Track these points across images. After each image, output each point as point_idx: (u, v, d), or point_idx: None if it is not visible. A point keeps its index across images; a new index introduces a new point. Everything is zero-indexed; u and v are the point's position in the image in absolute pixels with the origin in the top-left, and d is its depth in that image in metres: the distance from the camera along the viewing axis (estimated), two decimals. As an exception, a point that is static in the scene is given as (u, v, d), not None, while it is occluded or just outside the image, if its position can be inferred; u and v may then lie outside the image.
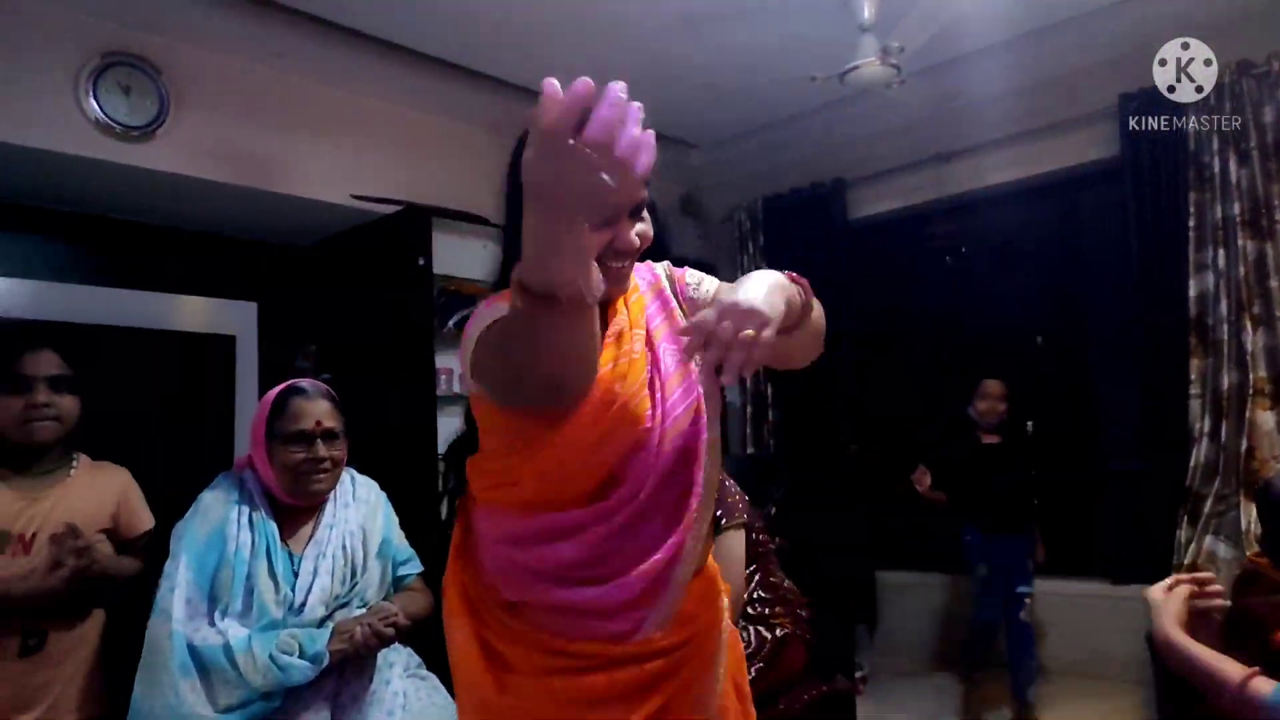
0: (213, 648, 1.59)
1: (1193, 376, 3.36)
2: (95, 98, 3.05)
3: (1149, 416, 3.56)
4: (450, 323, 3.95)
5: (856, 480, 4.60)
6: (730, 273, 4.97)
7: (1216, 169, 3.36)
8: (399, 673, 1.84)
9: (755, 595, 2.17)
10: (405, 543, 2.07)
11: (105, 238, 3.67)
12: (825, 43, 3.38)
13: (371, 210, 3.81)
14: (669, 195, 5.22)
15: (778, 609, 2.17)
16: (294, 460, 1.80)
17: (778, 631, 2.11)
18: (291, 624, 1.69)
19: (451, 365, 3.93)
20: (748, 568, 2.13)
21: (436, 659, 1.97)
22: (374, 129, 3.91)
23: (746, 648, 2.02)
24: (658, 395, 1.15)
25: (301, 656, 1.61)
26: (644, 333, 1.19)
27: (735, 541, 2.00)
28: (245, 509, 1.79)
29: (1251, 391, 3.22)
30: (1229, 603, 1.40)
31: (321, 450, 1.83)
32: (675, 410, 1.15)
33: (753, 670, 1.95)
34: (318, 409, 1.86)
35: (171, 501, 1.96)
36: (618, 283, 1.17)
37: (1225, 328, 3.31)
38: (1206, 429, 3.32)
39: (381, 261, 3.89)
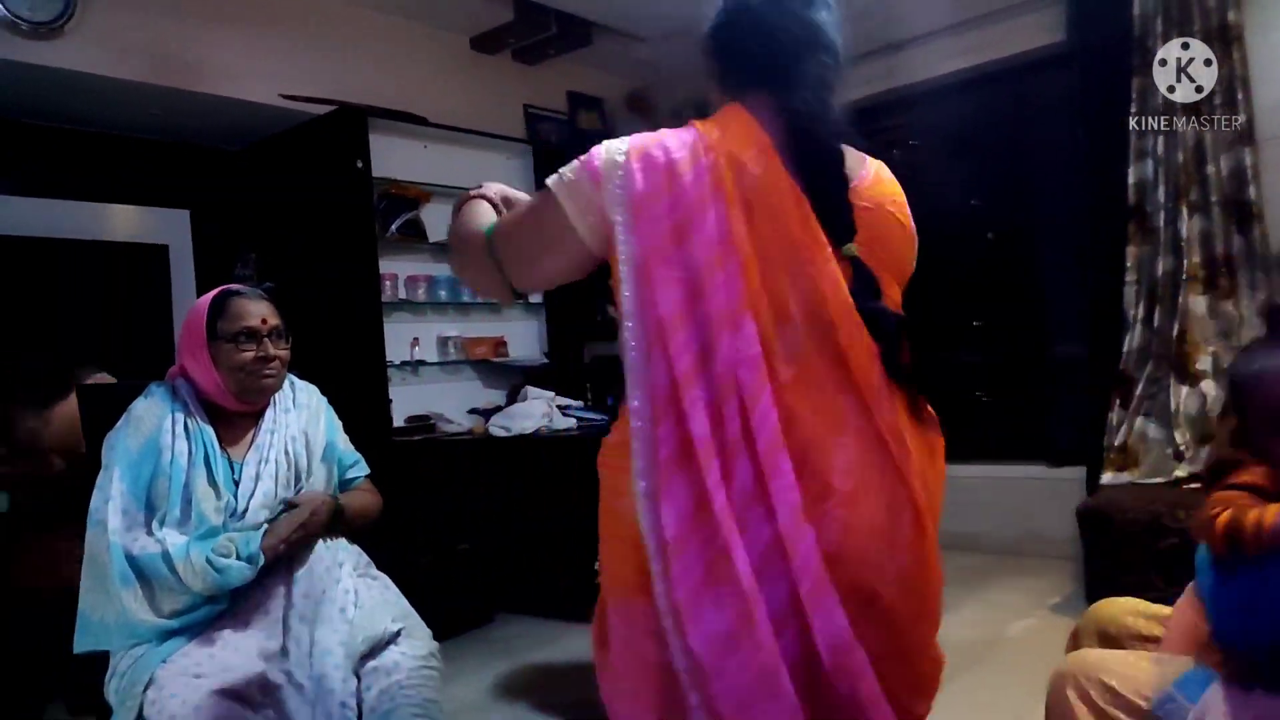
0: (151, 555, 1.59)
1: (1129, 263, 3.42)
2: (-6, -9, 2.86)
3: (1087, 303, 3.64)
4: (393, 227, 3.87)
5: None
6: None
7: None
8: (349, 571, 1.84)
9: None
10: (350, 446, 2.06)
11: (22, 145, 3.50)
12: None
13: (304, 111, 3.66)
14: (616, 91, 5.09)
15: None
16: (243, 360, 1.77)
17: None
18: (234, 529, 1.69)
19: (395, 270, 3.87)
20: None
21: (384, 559, 2.00)
22: (302, 24, 3.72)
23: None
24: None
25: (237, 559, 1.62)
26: None
27: None
28: (180, 416, 1.75)
29: (1185, 277, 3.29)
30: None
31: (271, 348, 1.82)
32: None
33: None
34: (261, 308, 1.84)
35: (113, 415, 1.91)
36: None
37: (1162, 215, 3.35)
38: (1140, 315, 3.40)
39: (318, 164, 3.76)
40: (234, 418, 1.84)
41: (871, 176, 1.16)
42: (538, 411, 3.63)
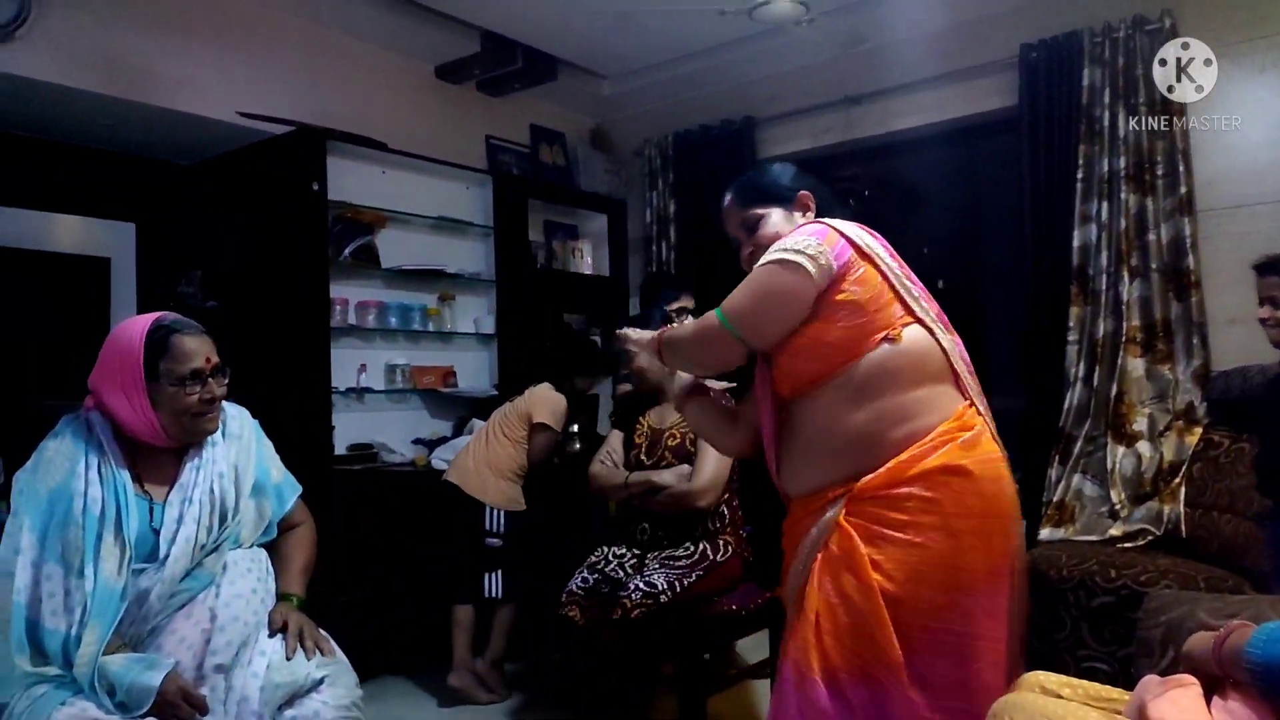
0: (54, 635, 1.52)
1: (1071, 323, 3.50)
2: (-58, -8, 2.79)
3: (1028, 360, 3.71)
4: (346, 251, 3.82)
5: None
6: (640, 208, 4.93)
7: (1106, 123, 3.45)
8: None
9: (716, 514, 2.71)
10: (281, 469, 1.95)
11: (-37, 148, 3.40)
12: (735, -25, 3.32)
13: (261, 130, 3.62)
14: (580, 127, 5.12)
15: (726, 531, 2.72)
16: (189, 404, 1.68)
17: (718, 556, 2.64)
18: (153, 579, 1.61)
19: (347, 295, 3.82)
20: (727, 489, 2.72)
21: (312, 595, 1.93)
22: (265, 41, 3.69)
23: (689, 557, 2.60)
24: None
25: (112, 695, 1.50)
26: None
27: None
28: (94, 459, 1.65)
29: (1124, 339, 3.38)
30: None
31: (215, 388, 1.73)
32: None
33: (694, 575, 2.55)
34: (205, 345, 1.74)
35: (39, 438, 1.81)
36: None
37: (1104, 278, 3.44)
38: (1081, 373, 3.48)
39: (272, 184, 3.71)
40: (156, 454, 1.74)
41: None
42: (483, 444, 3.58)
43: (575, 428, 3.86)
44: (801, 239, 1.55)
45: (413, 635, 3.51)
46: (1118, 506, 3.29)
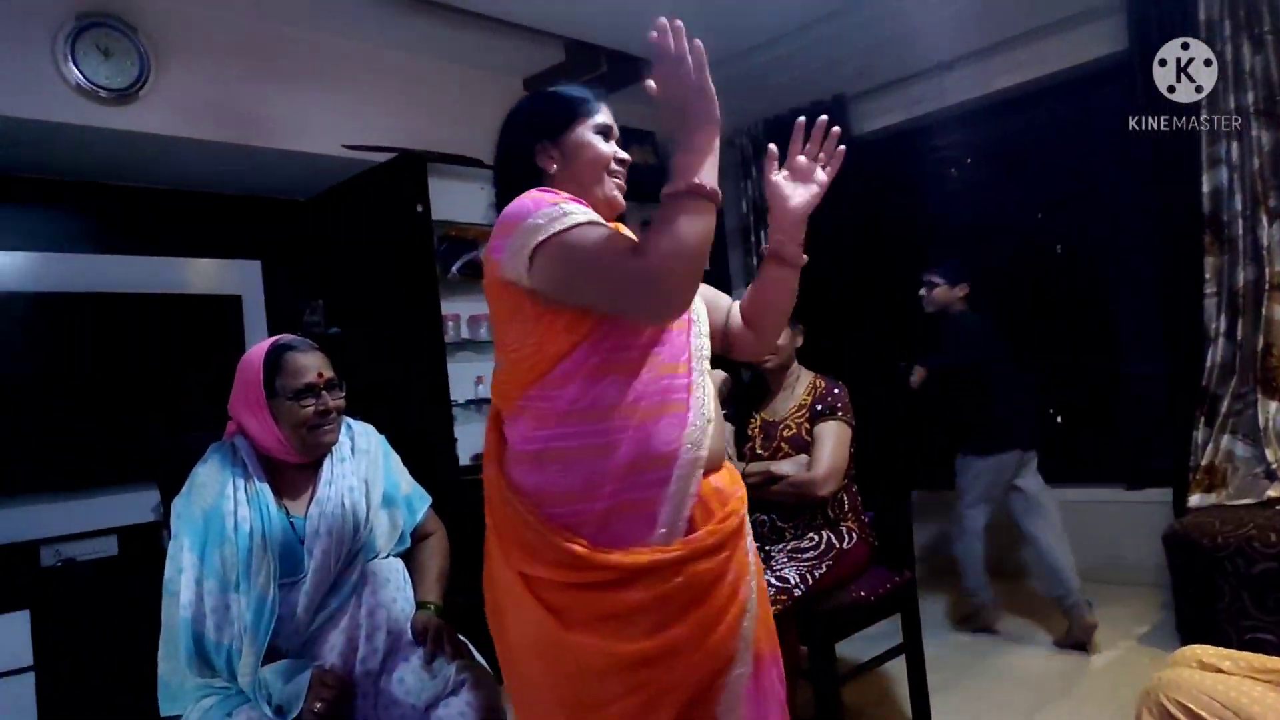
0: (219, 647, 1.62)
1: (1208, 275, 3.28)
2: (74, 62, 3.02)
3: (1165, 318, 3.50)
4: (454, 268, 3.94)
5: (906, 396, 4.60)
6: (734, 196, 4.90)
7: (1230, 56, 3.23)
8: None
9: (836, 501, 2.63)
10: (411, 482, 2.05)
11: (100, 204, 3.67)
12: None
13: (366, 159, 3.77)
14: (669, 122, 5.11)
15: (848, 518, 2.66)
16: (305, 416, 1.79)
17: (844, 544, 2.57)
18: (299, 591, 1.71)
19: (458, 311, 3.94)
20: (846, 476, 2.60)
21: (448, 603, 1.99)
22: (361, 75, 3.84)
23: (815, 548, 2.53)
24: None
25: (270, 703, 1.60)
26: None
27: (828, 430, 2.57)
28: (240, 480, 1.76)
29: (1268, 287, 3.15)
30: None
31: (329, 401, 1.83)
32: None
33: (823, 566, 2.48)
34: (317, 361, 1.85)
35: (189, 469, 1.94)
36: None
37: (1240, 223, 3.22)
38: (1223, 328, 3.26)
39: (380, 211, 3.86)
40: (293, 472, 1.85)
41: None
42: (600, 446, 3.62)
43: None
44: None
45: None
46: (1274, 466, 3.07)
